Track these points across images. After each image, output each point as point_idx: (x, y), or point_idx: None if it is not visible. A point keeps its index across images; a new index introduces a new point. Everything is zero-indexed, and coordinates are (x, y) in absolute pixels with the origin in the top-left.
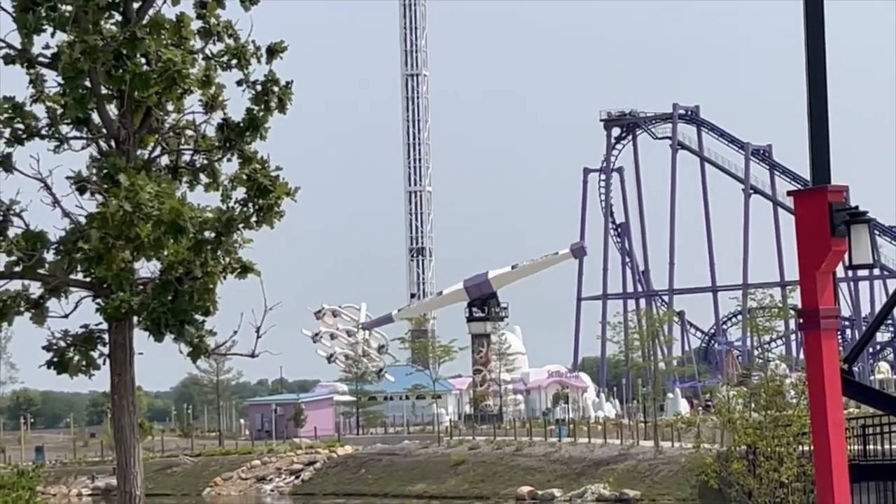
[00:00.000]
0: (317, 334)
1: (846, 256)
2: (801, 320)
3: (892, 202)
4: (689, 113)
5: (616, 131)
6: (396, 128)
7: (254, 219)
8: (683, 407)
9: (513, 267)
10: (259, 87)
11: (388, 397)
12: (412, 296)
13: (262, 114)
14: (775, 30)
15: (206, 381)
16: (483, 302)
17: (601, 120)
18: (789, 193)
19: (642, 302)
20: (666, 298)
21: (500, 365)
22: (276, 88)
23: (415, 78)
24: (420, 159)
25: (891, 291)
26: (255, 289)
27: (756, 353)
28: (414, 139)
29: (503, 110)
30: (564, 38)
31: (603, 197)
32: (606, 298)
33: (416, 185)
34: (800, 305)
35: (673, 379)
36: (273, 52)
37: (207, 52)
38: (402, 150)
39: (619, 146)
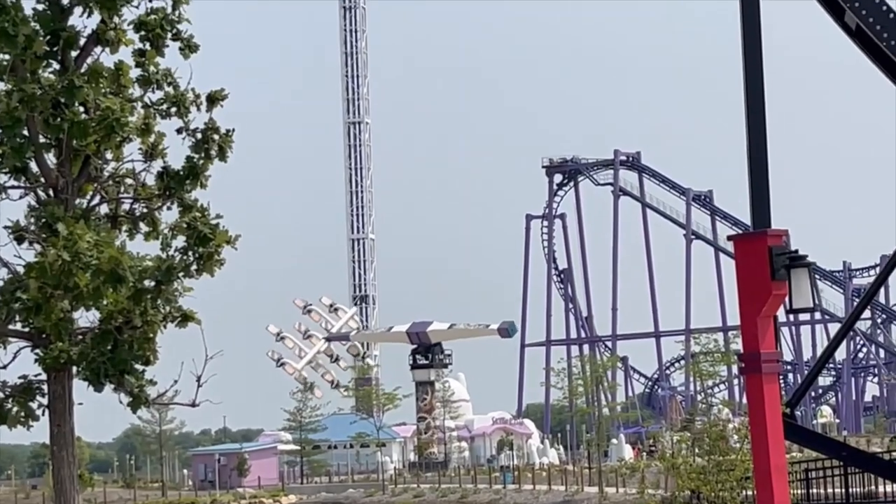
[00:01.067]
0: (279, 334)
1: (787, 300)
2: (743, 364)
3: (834, 246)
4: (631, 159)
5: (558, 178)
6: (339, 175)
7: (194, 267)
8: (627, 452)
9: (450, 326)
10: (199, 135)
11: (333, 446)
12: None
13: (202, 162)
14: (716, 76)
15: (149, 431)
16: (427, 349)
17: (543, 167)
18: (729, 238)
19: (586, 348)
20: (609, 344)
21: (444, 412)
22: (216, 136)
23: (357, 126)
24: (363, 206)
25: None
26: (197, 337)
27: (699, 398)
28: (357, 186)
29: (446, 157)
30: (505, 85)
31: (546, 243)
32: (550, 344)
33: (358, 232)
34: (742, 350)
35: (617, 424)
36: (213, 99)
37: (147, 100)
38: (344, 198)
39: (561, 192)
